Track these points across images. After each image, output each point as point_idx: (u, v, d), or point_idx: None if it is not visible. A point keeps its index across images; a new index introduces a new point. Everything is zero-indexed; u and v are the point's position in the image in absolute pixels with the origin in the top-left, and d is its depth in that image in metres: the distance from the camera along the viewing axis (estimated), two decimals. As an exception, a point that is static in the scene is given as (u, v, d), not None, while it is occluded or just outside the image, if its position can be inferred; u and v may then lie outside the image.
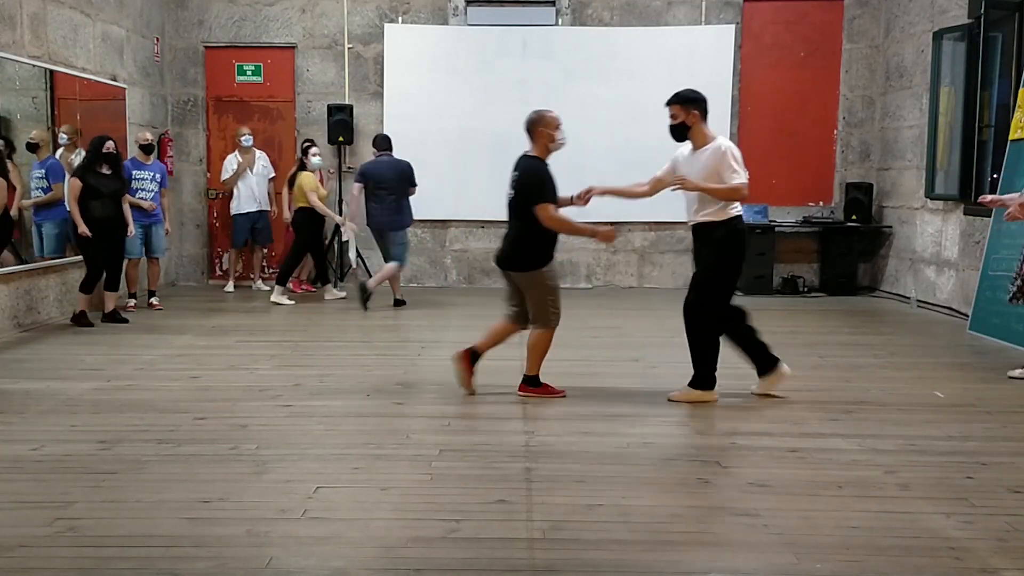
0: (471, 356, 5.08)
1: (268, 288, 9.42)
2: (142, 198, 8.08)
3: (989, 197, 6.14)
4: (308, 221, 8.79)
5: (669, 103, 5.09)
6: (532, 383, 5.10)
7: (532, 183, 4.85)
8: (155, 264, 8.41)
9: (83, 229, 6.95)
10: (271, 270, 9.84)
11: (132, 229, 7.52)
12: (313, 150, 8.86)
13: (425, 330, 7.29)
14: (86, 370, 5.69)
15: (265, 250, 9.82)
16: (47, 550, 2.98)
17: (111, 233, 7.19)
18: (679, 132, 5.09)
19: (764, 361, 5.09)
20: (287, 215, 9.06)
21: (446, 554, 2.96)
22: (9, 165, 6.47)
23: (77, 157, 7.51)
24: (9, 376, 5.48)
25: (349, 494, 3.54)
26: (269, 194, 9.46)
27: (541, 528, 3.17)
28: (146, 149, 8.22)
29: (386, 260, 8.43)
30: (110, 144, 7.18)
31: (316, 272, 9.24)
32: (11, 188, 6.32)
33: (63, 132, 7.57)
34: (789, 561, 2.93)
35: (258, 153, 9.46)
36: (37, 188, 7.21)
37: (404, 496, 3.50)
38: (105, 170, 7.15)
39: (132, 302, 8.11)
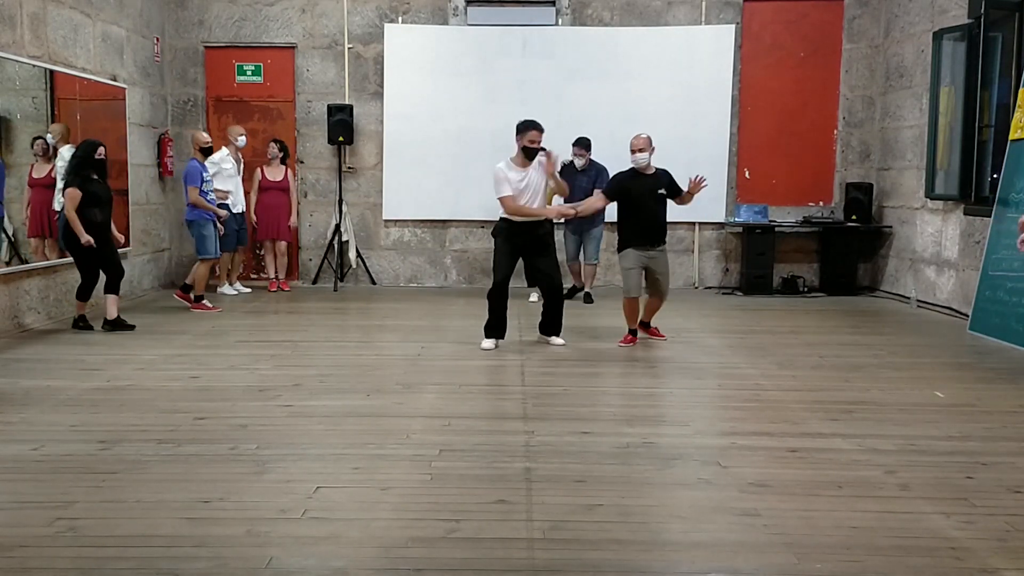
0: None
1: (249, 290, 9.41)
2: (212, 199, 8.26)
3: None
4: None
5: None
6: None
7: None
8: (216, 264, 8.67)
9: (86, 239, 6.77)
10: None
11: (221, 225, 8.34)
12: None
13: (425, 330, 7.29)
14: (86, 370, 5.69)
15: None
16: (47, 550, 2.98)
17: (108, 238, 7.13)
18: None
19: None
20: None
21: (446, 554, 2.96)
22: None
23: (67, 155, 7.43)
24: (9, 376, 5.48)
25: (349, 494, 3.54)
26: None
27: (541, 528, 3.17)
28: (206, 151, 8.30)
29: (581, 258, 8.97)
30: (102, 150, 7.04)
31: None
32: None
33: (50, 134, 7.40)
34: (789, 561, 2.93)
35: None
36: None
37: (404, 496, 3.50)
38: (95, 176, 6.95)
39: (209, 303, 8.21)
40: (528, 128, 6.35)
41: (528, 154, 6.39)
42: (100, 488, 3.56)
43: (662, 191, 6.49)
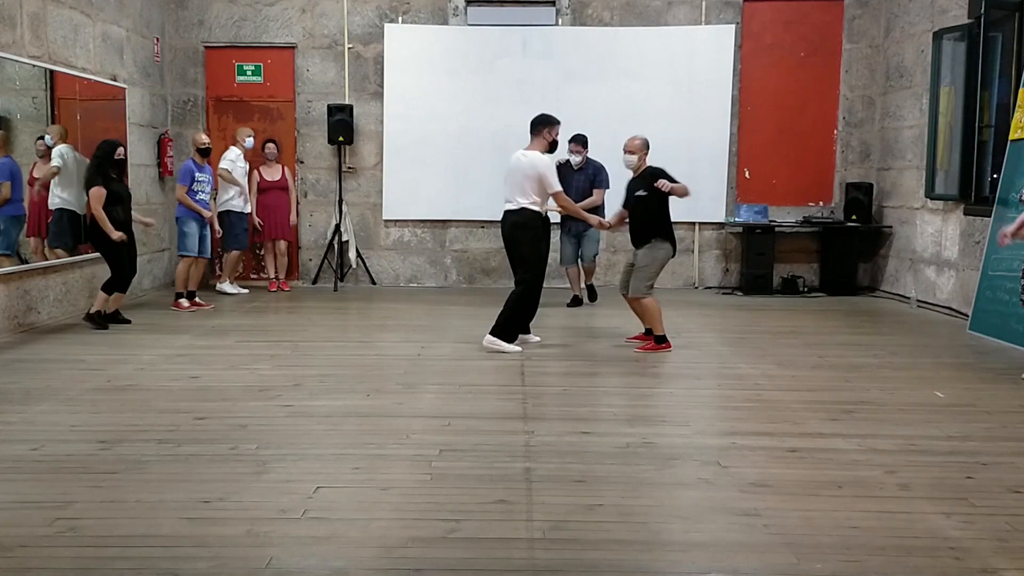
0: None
1: (246, 290, 9.41)
2: (200, 200, 8.26)
3: (1009, 230, 5.39)
4: None
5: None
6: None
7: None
8: (204, 264, 8.60)
9: (118, 235, 6.95)
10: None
11: (218, 227, 8.63)
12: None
13: (425, 330, 7.29)
14: (86, 370, 5.69)
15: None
16: (47, 550, 2.98)
17: (131, 237, 7.22)
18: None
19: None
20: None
21: (446, 554, 2.96)
22: None
23: (67, 154, 7.45)
24: (9, 376, 5.48)
25: (349, 494, 3.54)
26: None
27: (541, 528, 3.17)
28: (204, 152, 8.31)
29: (578, 260, 8.68)
30: (121, 150, 7.24)
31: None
32: None
33: (48, 134, 7.38)
34: (789, 561, 2.93)
35: None
36: None
37: (404, 496, 3.50)
38: (114, 174, 7.14)
39: (186, 302, 8.18)
40: (555, 123, 6.47)
41: (552, 148, 6.46)
42: (100, 488, 3.56)
43: (639, 193, 6.34)
